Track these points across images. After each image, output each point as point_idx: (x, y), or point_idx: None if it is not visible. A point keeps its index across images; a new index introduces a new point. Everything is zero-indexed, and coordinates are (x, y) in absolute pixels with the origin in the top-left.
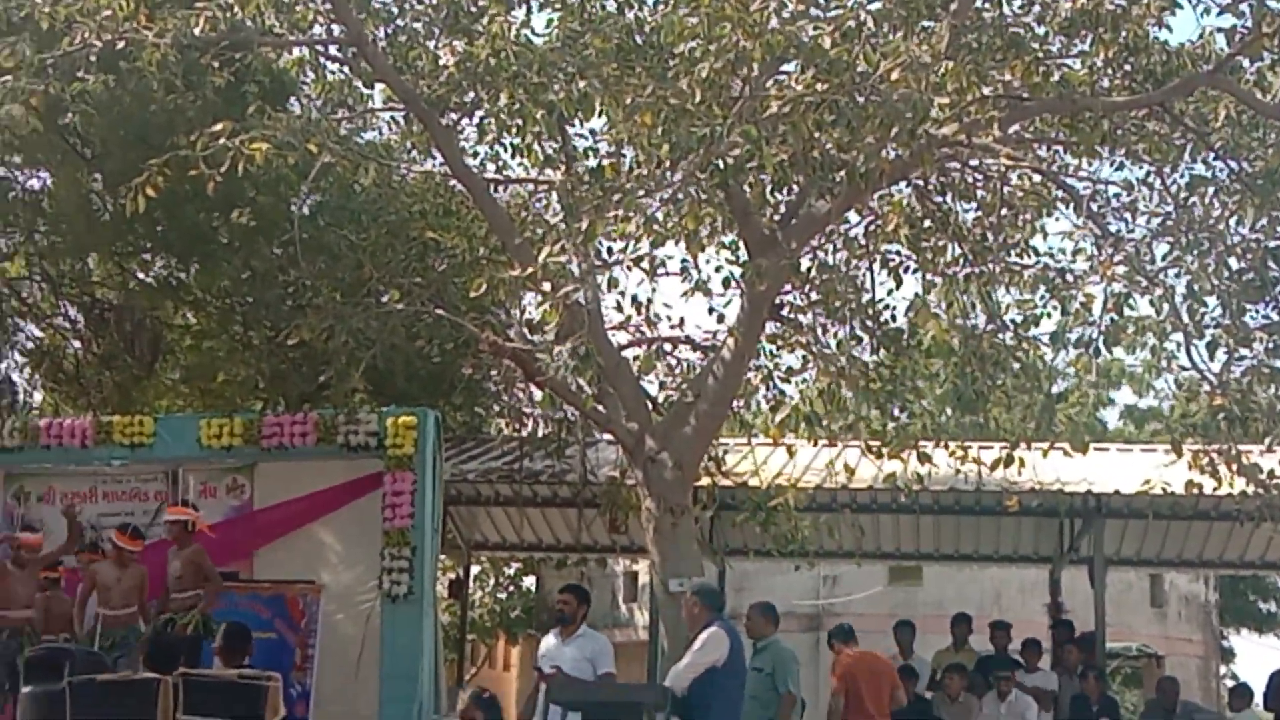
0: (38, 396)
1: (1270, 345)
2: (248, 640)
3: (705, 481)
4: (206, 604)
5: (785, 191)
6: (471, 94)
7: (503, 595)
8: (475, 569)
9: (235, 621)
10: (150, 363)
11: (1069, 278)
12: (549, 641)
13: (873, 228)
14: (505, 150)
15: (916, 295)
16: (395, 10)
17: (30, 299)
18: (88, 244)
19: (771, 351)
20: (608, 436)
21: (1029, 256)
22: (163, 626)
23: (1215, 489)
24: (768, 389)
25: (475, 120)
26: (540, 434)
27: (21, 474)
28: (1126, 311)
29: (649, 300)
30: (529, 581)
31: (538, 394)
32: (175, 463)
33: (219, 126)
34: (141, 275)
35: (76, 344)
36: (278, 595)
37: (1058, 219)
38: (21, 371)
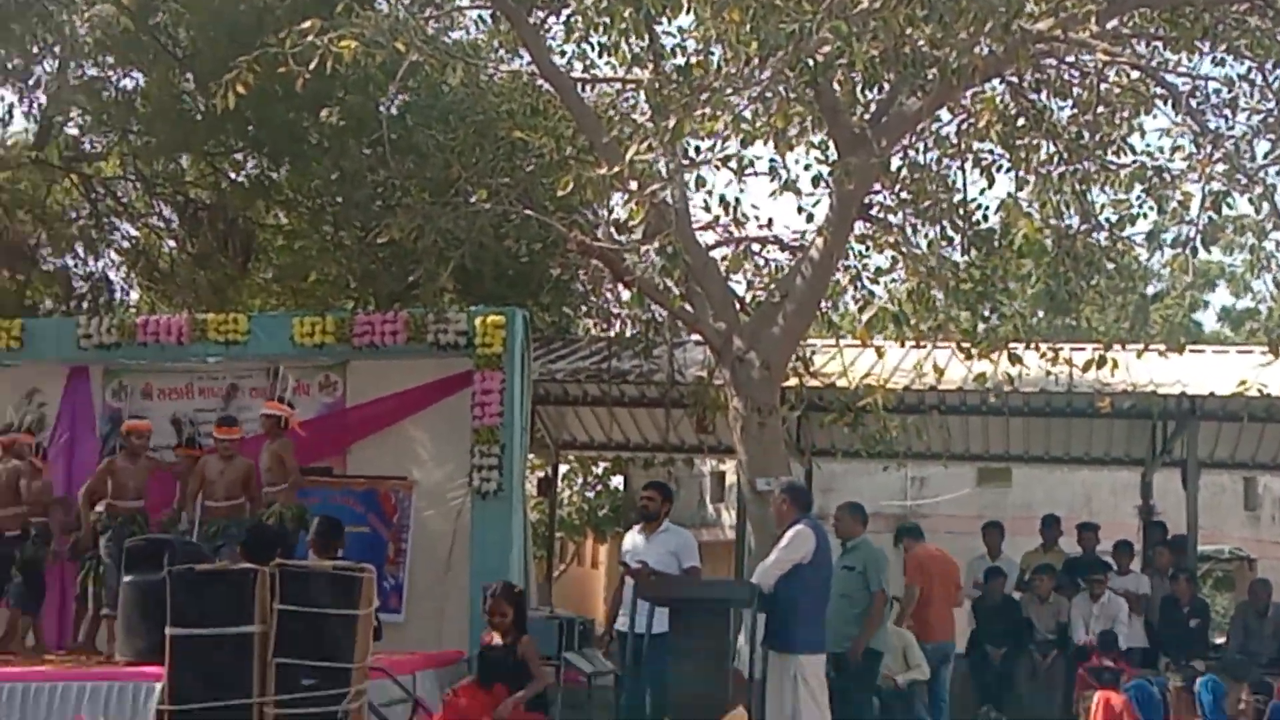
0: (134, 295)
1: None
2: (340, 533)
3: (793, 382)
4: (286, 497)
5: (875, 89)
6: None
7: (591, 494)
8: (563, 468)
9: (328, 515)
10: (243, 262)
11: (1166, 176)
12: (633, 538)
13: (965, 126)
14: (593, 49)
15: (1009, 195)
16: None
17: (125, 199)
18: (180, 143)
19: (860, 252)
20: (695, 336)
21: (1125, 155)
22: (261, 519)
23: None
24: (856, 289)
25: (562, 18)
26: (628, 334)
27: (120, 370)
28: (1225, 210)
29: (737, 200)
30: (617, 481)
31: (625, 294)
32: (269, 360)
33: (307, 24)
34: (233, 175)
35: (171, 243)
36: (370, 490)
37: (1155, 116)
38: (118, 270)
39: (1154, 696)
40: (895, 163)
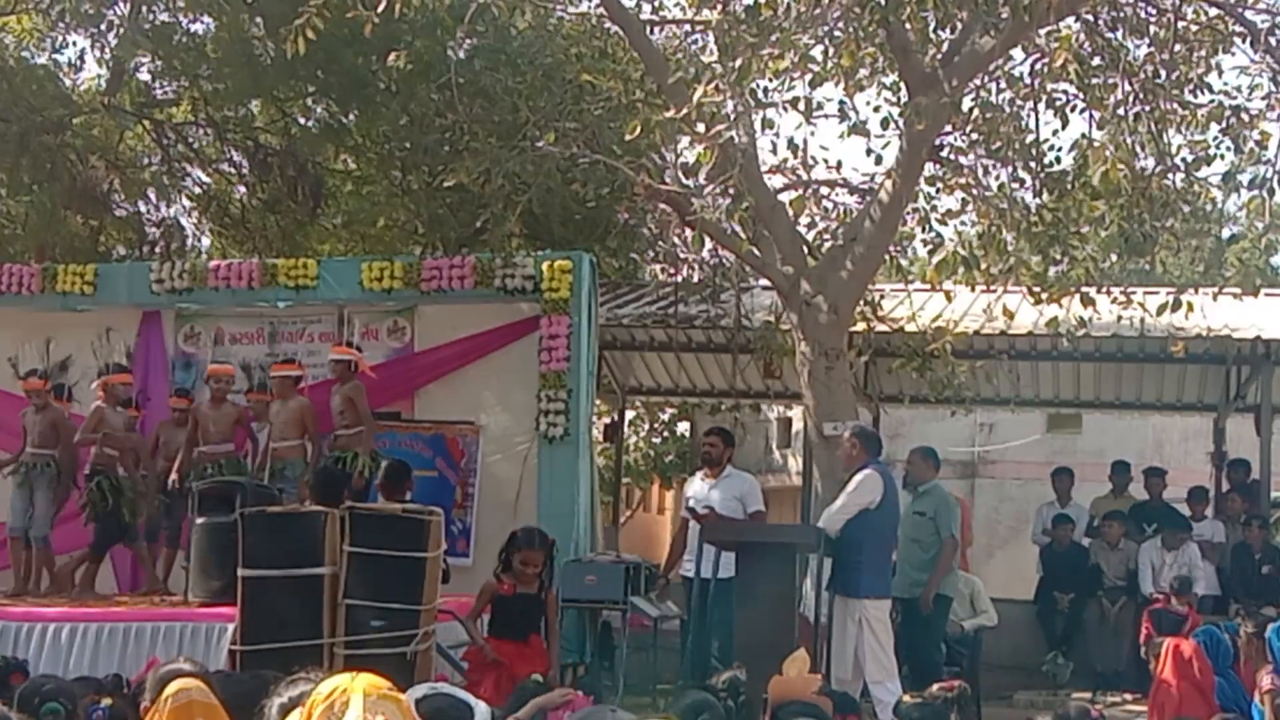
0: (205, 241)
1: None
2: (407, 476)
3: (861, 326)
4: (365, 447)
5: (948, 28)
6: None
7: (657, 440)
8: (630, 414)
9: (396, 458)
10: (313, 208)
11: (1244, 116)
12: (696, 484)
13: (1038, 65)
14: None
15: (1083, 135)
16: None
17: (196, 144)
18: (250, 89)
19: (930, 194)
20: (763, 281)
21: (1203, 94)
22: (332, 462)
23: None
24: (925, 232)
25: None
26: (695, 279)
27: (192, 314)
28: None
29: (805, 142)
30: (683, 427)
31: (692, 238)
32: (338, 305)
33: None
34: (303, 120)
35: (242, 189)
36: (438, 435)
37: (1234, 54)
38: (190, 215)
39: (1223, 642)
40: (967, 103)
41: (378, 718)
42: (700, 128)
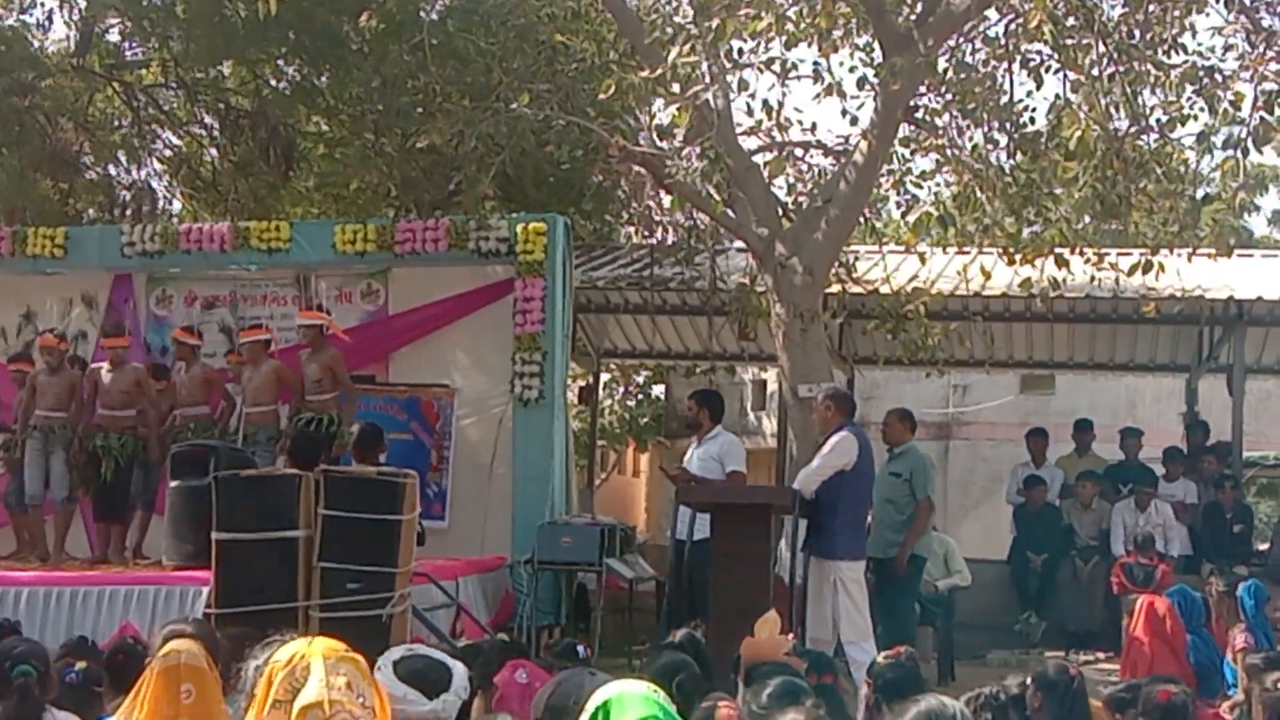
0: (176, 204)
1: None
2: (380, 440)
3: (835, 288)
4: (347, 418)
5: None
6: None
7: (632, 403)
8: (605, 376)
9: (368, 421)
10: (285, 170)
11: (1218, 76)
12: (691, 449)
13: (1013, 25)
14: None
15: (1058, 96)
16: None
17: (167, 106)
18: (221, 50)
19: (904, 155)
20: (738, 244)
21: (1177, 54)
22: (305, 425)
23: None
24: (899, 194)
25: None
26: (670, 241)
27: (163, 278)
28: (1277, 111)
29: (780, 104)
30: (658, 389)
31: (667, 201)
32: (311, 268)
33: None
34: (274, 82)
35: (213, 151)
36: (413, 398)
37: (1208, 14)
38: (161, 178)
39: (1196, 601)
40: (942, 64)
41: (340, 678)
42: (675, 89)
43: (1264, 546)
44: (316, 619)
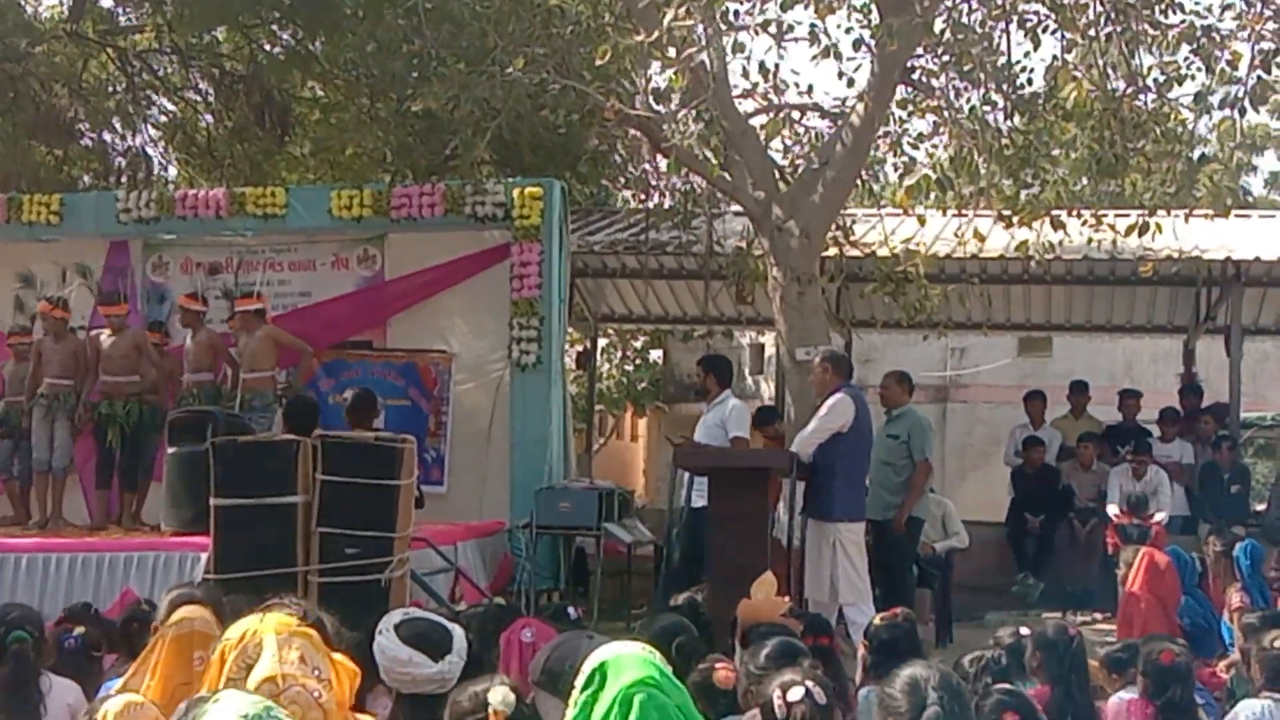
0: (172, 170)
1: None
2: (374, 405)
3: (832, 252)
4: (304, 374)
5: None
6: None
7: (630, 367)
8: (602, 341)
9: (362, 387)
10: (280, 135)
11: (1215, 36)
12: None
13: None
14: None
15: (1055, 57)
16: None
17: (162, 72)
18: (215, 15)
19: (901, 117)
20: (734, 208)
21: (1174, 14)
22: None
23: None
24: (896, 156)
25: None
26: (666, 205)
27: (159, 244)
28: (1275, 71)
29: (776, 66)
30: (656, 354)
31: (664, 164)
32: (307, 233)
33: None
34: (269, 47)
35: (208, 117)
36: (410, 363)
37: None
38: (156, 145)
39: (1189, 562)
40: (938, 25)
41: (293, 652)
42: (671, 52)
43: (1261, 507)
44: (315, 584)
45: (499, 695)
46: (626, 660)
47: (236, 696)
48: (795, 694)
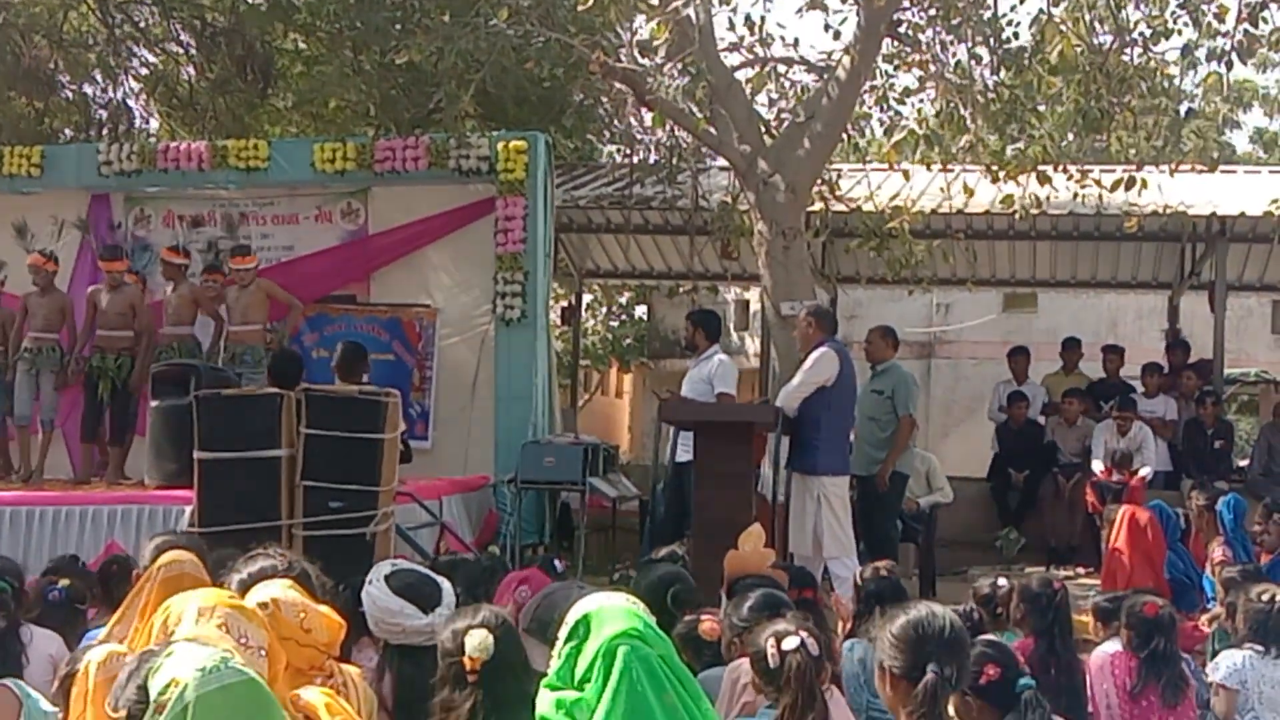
0: (154, 122)
1: None
2: (364, 358)
3: (818, 206)
4: (293, 325)
5: None
6: None
7: (615, 323)
8: (587, 297)
9: (351, 340)
10: (262, 88)
11: None
12: None
13: None
14: None
15: (1041, 11)
16: None
17: (143, 23)
18: None
19: (887, 72)
20: (719, 162)
21: None
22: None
23: None
24: (883, 111)
25: None
26: (651, 159)
27: (141, 197)
28: (1261, 25)
29: (762, 19)
30: (641, 310)
31: (649, 118)
32: (290, 187)
33: None
34: None
35: (190, 69)
36: (394, 318)
37: None
38: (137, 97)
39: (1172, 517)
40: None
41: (211, 620)
42: (655, 3)
43: (1244, 462)
44: (299, 538)
45: (475, 640)
46: (610, 612)
47: (193, 648)
48: (790, 643)
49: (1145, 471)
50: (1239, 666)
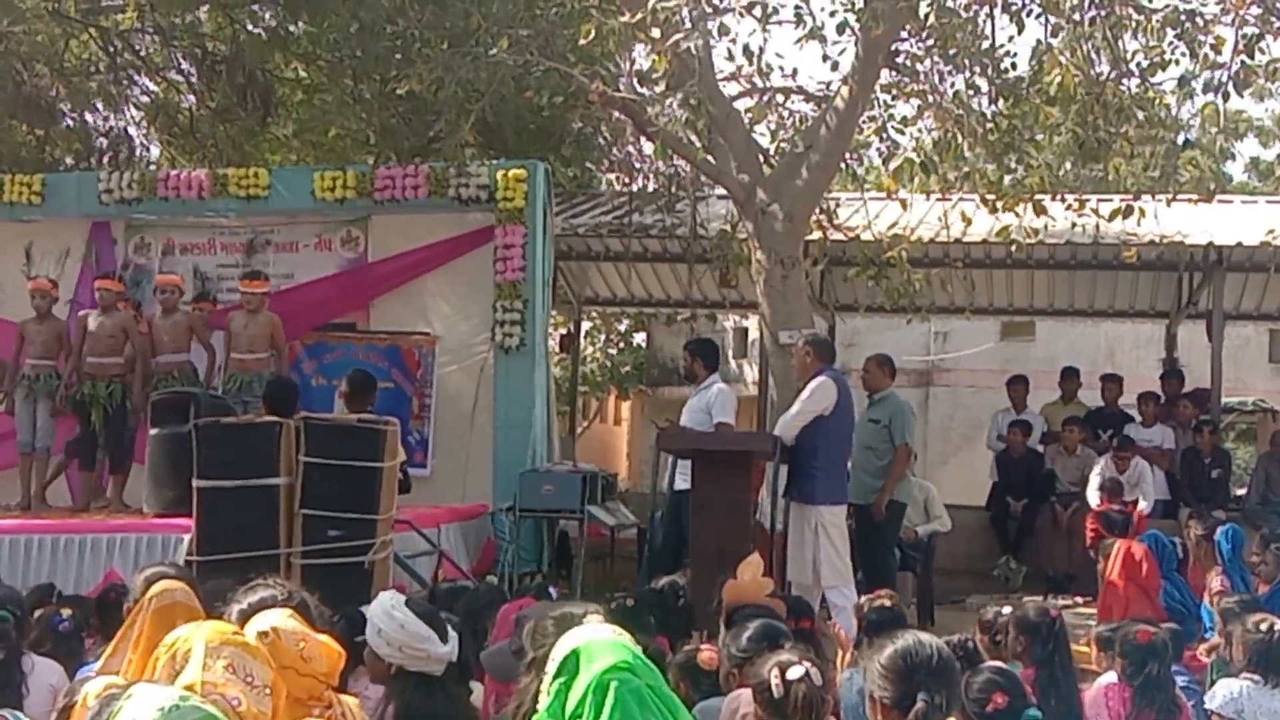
0: (154, 150)
1: None
2: (373, 388)
3: (816, 235)
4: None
5: None
6: None
7: (614, 351)
8: (586, 324)
9: (359, 369)
10: (263, 116)
11: (1199, 20)
12: None
13: None
14: None
15: (1039, 41)
16: None
17: (144, 52)
18: None
19: (886, 101)
20: (718, 191)
21: None
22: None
23: None
24: (881, 140)
25: None
26: (650, 188)
27: (141, 225)
28: (1257, 55)
29: (761, 50)
30: (640, 337)
31: (648, 148)
32: (290, 215)
33: None
34: (251, 27)
35: (191, 98)
36: (394, 346)
37: None
38: (138, 125)
39: (1168, 547)
40: (923, 8)
41: (219, 661)
42: (655, 34)
43: (1241, 491)
44: (298, 566)
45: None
46: (599, 646)
47: (152, 689)
48: (795, 673)
49: (1144, 506)
50: (1236, 696)
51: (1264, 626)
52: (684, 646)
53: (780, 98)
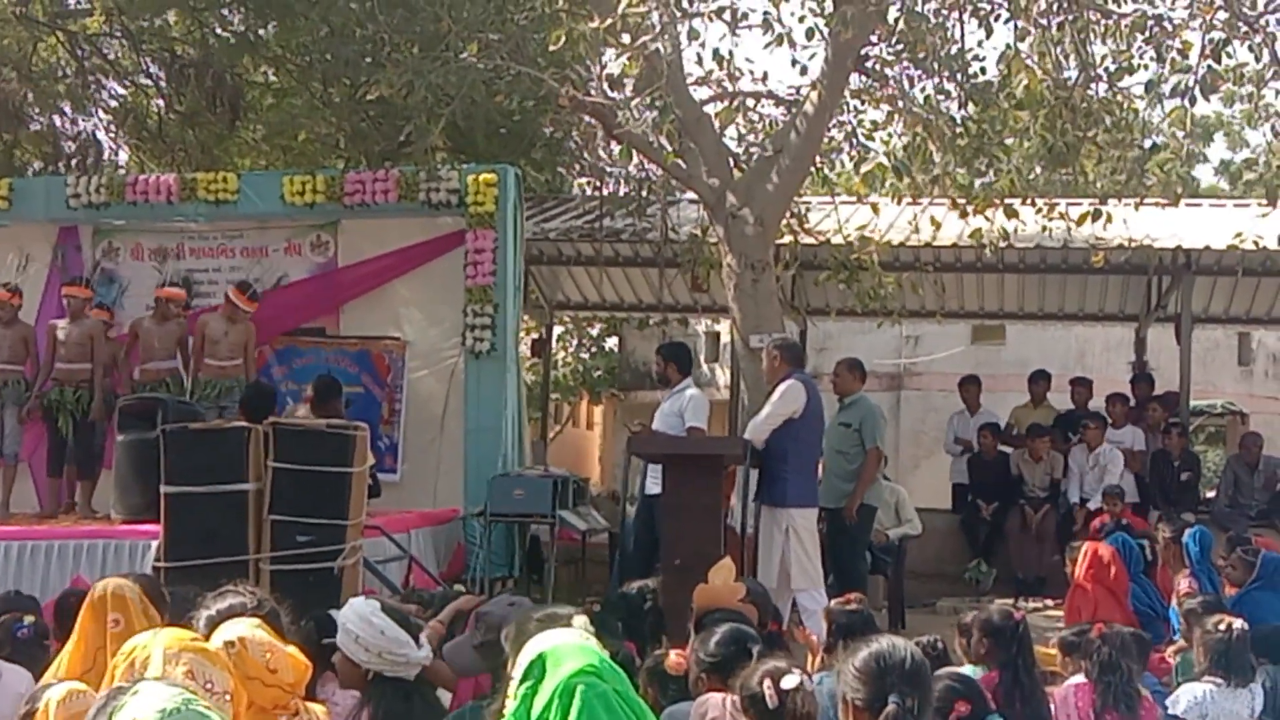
0: (123, 155)
1: None
2: (339, 393)
3: (787, 239)
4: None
5: None
6: None
7: (585, 355)
8: (558, 329)
9: (326, 374)
10: (232, 120)
11: (1167, 25)
12: None
13: None
14: None
15: (1008, 46)
16: None
17: (112, 56)
18: None
19: (855, 106)
20: (689, 196)
21: (1125, 3)
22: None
23: None
24: (851, 145)
25: None
26: (621, 192)
27: (110, 230)
28: (1224, 60)
29: (730, 54)
30: (611, 342)
31: (618, 151)
32: (259, 219)
33: None
34: (220, 31)
35: (159, 102)
36: (364, 350)
37: None
38: (107, 129)
39: (1135, 549)
40: (892, 13)
41: (179, 667)
42: (625, 38)
43: (1210, 494)
44: (267, 572)
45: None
46: (565, 650)
47: (156, 687)
48: (789, 682)
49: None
50: (1199, 700)
51: (1223, 627)
52: (653, 651)
53: (750, 102)
